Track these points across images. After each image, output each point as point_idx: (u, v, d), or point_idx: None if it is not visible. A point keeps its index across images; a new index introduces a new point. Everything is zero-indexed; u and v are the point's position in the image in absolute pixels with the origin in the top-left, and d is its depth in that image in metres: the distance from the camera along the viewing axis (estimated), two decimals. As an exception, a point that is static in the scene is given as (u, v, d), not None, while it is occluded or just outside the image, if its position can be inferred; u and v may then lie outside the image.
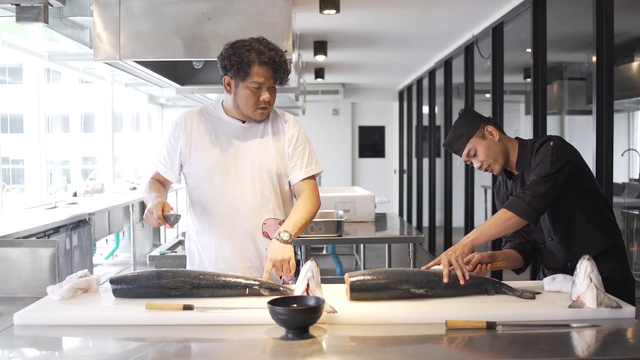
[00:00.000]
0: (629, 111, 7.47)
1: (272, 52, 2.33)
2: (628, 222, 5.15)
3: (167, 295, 2.08)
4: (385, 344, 1.76)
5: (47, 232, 4.73)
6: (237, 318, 1.91)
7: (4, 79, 6.51)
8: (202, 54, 3.15)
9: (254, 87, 2.34)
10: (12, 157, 6.54)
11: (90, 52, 3.54)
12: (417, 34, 6.63)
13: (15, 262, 2.47)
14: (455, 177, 7.69)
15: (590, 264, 1.97)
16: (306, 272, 2.00)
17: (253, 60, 2.30)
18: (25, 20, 3.05)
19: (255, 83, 2.33)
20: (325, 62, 8.00)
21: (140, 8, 3.08)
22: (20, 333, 1.88)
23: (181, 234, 4.34)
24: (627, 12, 4.91)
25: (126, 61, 3.18)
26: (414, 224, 9.84)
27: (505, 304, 2.03)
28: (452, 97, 7.76)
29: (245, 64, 2.30)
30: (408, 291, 2.06)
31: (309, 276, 1.99)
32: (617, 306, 1.92)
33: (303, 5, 4.89)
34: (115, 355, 1.75)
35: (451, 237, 7.64)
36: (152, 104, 10.86)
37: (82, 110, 8.12)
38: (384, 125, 11.97)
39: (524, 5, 4.83)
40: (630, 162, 6.93)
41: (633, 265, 5.14)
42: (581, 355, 1.73)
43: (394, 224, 5.07)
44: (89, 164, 8.73)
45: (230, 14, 3.09)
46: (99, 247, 7.62)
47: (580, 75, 6.96)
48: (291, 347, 1.70)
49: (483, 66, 6.40)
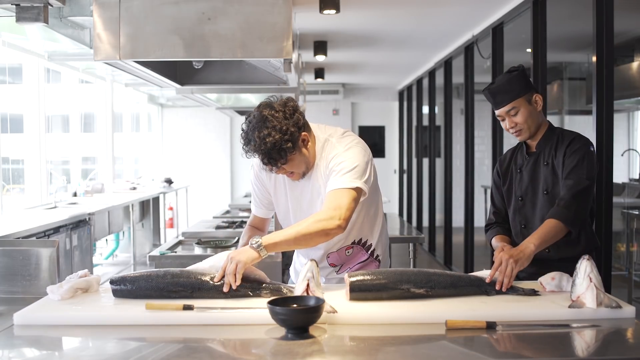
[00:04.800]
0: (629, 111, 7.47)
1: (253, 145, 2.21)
2: (628, 222, 5.15)
3: (168, 297, 2.08)
4: (385, 344, 1.76)
5: (47, 232, 4.73)
6: (237, 318, 1.91)
7: (4, 79, 6.51)
8: (202, 54, 3.15)
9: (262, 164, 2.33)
10: (12, 157, 6.54)
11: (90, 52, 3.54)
12: (417, 34, 6.63)
13: (15, 262, 2.47)
14: (455, 177, 7.68)
15: (590, 264, 1.97)
16: (306, 272, 2.00)
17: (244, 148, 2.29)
18: (25, 20, 3.05)
19: None
20: (325, 62, 8.00)
21: (140, 8, 3.08)
22: (20, 333, 1.88)
23: (181, 234, 4.34)
24: (627, 12, 4.91)
25: (126, 61, 3.17)
26: (414, 224, 9.84)
27: (505, 304, 2.03)
28: (452, 97, 7.77)
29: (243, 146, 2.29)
30: (408, 291, 2.06)
31: (309, 276, 1.99)
32: (617, 306, 1.92)
33: (303, 5, 4.88)
34: (115, 355, 1.75)
35: (451, 237, 7.64)
36: (152, 104, 10.86)
37: (82, 110, 8.12)
38: (384, 125, 11.97)
39: (524, 5, 4.83)
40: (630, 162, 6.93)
41: (633, 265, 5.15)
42: (581, 355, 1.73)
43: (394, 224, 5.07)
44: (89, 164, 8.73)
45: (230, 14, 3.09)
46: (99, 247, 7.62)
47: (580, 75, 6.96)
48: (291, 347, 1.70)
49: (483, 66, 6.40)
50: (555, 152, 2.49)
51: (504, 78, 2.52)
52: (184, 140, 11.49)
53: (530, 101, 2.49)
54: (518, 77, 2.50)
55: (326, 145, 2.36)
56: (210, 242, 3.66)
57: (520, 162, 2.59)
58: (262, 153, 2.21)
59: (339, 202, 2.18)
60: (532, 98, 2.49)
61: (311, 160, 2.34)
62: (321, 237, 2.18)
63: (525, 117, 2.48)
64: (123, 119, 9.64)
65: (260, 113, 2.23)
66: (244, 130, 2.27)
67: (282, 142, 2.19)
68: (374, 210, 2.50)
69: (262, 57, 3.17)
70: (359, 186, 2.23)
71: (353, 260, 2.48)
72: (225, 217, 5.26)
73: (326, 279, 2.51)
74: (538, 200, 2.52)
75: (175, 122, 11.49)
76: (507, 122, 2.52)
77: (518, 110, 2.48)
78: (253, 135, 2.21)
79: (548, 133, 2.53)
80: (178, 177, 10.73)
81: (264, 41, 3.09)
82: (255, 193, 2.56)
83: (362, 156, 2.31)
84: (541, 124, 2.54)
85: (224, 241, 3.69)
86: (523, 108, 2.48)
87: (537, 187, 2.53)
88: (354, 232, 2.43)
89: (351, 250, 2.46)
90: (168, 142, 11.51)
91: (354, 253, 2.47)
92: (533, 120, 2.50)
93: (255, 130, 2.21)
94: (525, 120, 2.48)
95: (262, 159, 2.23)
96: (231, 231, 4.32)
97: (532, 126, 2.50)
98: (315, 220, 2.16)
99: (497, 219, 2.68)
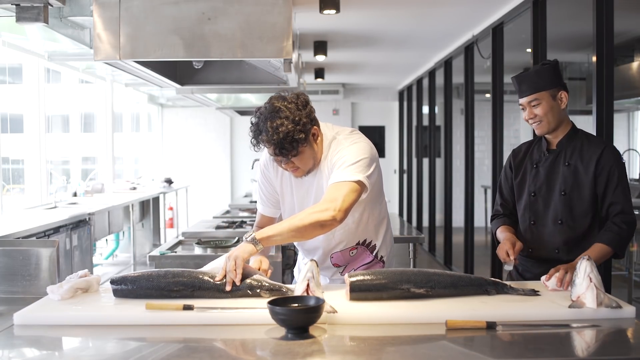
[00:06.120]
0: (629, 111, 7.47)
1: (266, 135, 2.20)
2: (628, 222, 5.14)
3: (168, 297, 2.08)
4: (385, 344, 1.76)
5: (47, 232, 4.73)
6: (237, 318, 1.91)
7: (4, 79, 6.51)
8: (202, 54, 3.15)
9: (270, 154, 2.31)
10: (12, 157, 6.54)
11: (90, 52, 3.54)
12: (417, 34, 6.63)
13: (15, 262, 2.47)
14: (455, 177, 7.69)
15: (590, 264, 1.97)
16: (306, 272, 2.00)
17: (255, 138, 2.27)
18: (25, 20, 3.05)
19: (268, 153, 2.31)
20: (325, 62, 8.00)
21: (140, 8, 3.08)
22: (20, 333, 1.88)
23: (181, 234, 4.34)
24: (627, 12, 4.91)
25: (126, 61, 3.18)
26: (414, 224, 9.84)
27: (505, 304, 2.03)
28: (452, 97, 7.77)
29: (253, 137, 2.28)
30: (408, 291, 2.06)
31: (309, 276, 1.99)
32: (617, 306, 1.92)
33: (303, 5, 4.88)
34: (115, 355, 1.75)
35: (451, 237, 7.64)
36: (152, 104, 10.86)
37: (82, 110, 8.12)
38: (384, 125, 11.97)
39: (524, 5, 4.83)
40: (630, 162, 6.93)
41: (633, 265, 5.15)
42: (581, 355, 1.73)
43: (394, 224, 5.06)
44: (89, 164, 8.74)
45: (230, 14, 3.09)
46: (99, 247, 7.62)
47: (580, 75, 6.96)
48: (291, 347, 1.70)
49: (483, 66, 6.40)
50: (580, 155, 2.47)
51: (534, 68, 2.53)
52: (184, 140, 11.49)
53: (554, 97, 2.47)
54: (547, 70, 2.48)
55: (333, 143, 2.35)
56: (210, 242, 3.65)
57: (537, 157, 2.57)
58: (274, 143, 2.19)
59: (336, 194, 2.16)
60: (558, 94, 2.47)
61: (318, 156, 2.33)
62: (316, 229, 2.15)
63: (545, 110, 2.46)
64: (123, 119, 9.64)
65: (272, 104, 2.22)
66: (254, 123, 2.25)
67: (294, 133, 2.19)
68: (379, 211, 2.49)
69: (262, 57, 3.17)
70: (360, 179, 2.20)
71: (358, 262, 2.48)
72: (225, 217, 5.26)
73: (331, 280, 2.50)
74: (553, 199, 2.50)
75: (175, 122, 11.49)
76: (527, 112, 2.51)
77: (540, 103, 2.46)
78: (265, 126, 2.19)
79: (571, 133, 2.51)
80: (178, 177, 10.73)
81: (264, 41, 3.09)
82: (262, 192, 2.53)
83: (367, 151, 2.29)
84: (563, 122, 2.51)
85: (224, 241, 3.69)
86: (545, 102, 2.46)
87: (553, 185, 2.51)
88: (358, 233, 2.43)
89: (355, 251, 2.46)
90: (168, 142, 11.51)
91: (358, 254, 2.47)
92: (554, 115, 2.47)
93: (267, 121, 2.19)
94: (545, 113, 2.46)
95: (274, 149, 2.21)
96: (231, 231, 4.32)
97: (552, 122, 2.48)
98: (309, 213, 2.15)
99: (504, 211, 2.67)
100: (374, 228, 2.47)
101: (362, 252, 2.46)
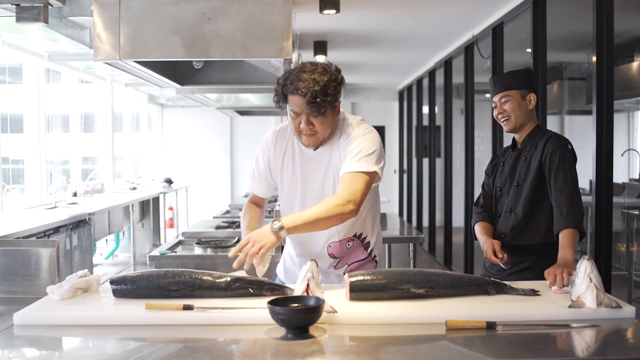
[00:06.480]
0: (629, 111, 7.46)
1: (303, 83, 2.21)
2: (628, 222, 5.15)
3: (168, 297, 2.08)
4: (385, 344, 1.76)
5: (47, 232, 4.73)
6: (237, 318, 1.91)
7: (4, 79, 6.51)
8: (202, 54, 3.15)
9: (292, 113, 2.30)
10: (12, 157, 6.54)
11: (90, 52, 3.54)
12: (417, 34, 6.64)
13: (15, 262, 2.47)
14: (455, 177, 7.69)
15: (590, 264, 1.97)
16: (306, 272, 2.00)
17: (287, 87, 2.27)
18: (25, 20, 3.05)
19: (291, 111, 2.30)
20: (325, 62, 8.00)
21: (140, 8, 3.08)
22: (20, 333, 1.88)
23: (181, 234, 4.34)
24: (627, 12, 4.91)
25: (126, 61, 3.18)
26: (414, 224, 9.84)
27: (505, 304, 2.03)
28: (452, 97, 7.77)
29: (281, 90, 2.29)
30: (408, 291, 2.06)
31: (309, 276, 1.99)
32: (617, 306, 1.92)
33: (303, 5, 4.89)
34: (115, 355, 1.75)
35: (451, 237, 7.64)
36: (152, 104, 10.87)
37: (82, 110, 8.13)
38: (384, 125, 11.97)
39: (524, 5, 4.83)
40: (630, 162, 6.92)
41: (633, 265, 5.15)
42: (581, 355, 1.73)
43: (394, 224, 5.07)
44: (89, 164, 8.74)
45: (230, 14, 3.09)
46: (99, 247, 7.62)
47: (580, 75, 6.95)
48: (291, 347, 1.70)
49: (483, 66, 6.40)
50: (535, 148, 2.66)
51: (510, 71, 2.79)
52: (184, 140, 11.49)
53: (524, 97, 2.69)
54: (520, 74, 2.74)
55: (345, 123, 2.41)
56: (210, 242, 3.65)
57: (507, 157, 2.79)
58: (311, 93, 2.20)
59: (354, 187, 2.22)
60: (527, 96, 2.69)
61: (333, 129, 2.37)
62: (337, 221, 2.24)
63: (513, 107, 2.68)
64: (123, 119, 9.64)
65: (308, 62, 2.29)
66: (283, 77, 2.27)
67: (330, 87, 2.24)
68: (376, 207, 2.54)
69: (262, 57, 3.18)
70: (375, 170, 2.27)
71: (352, 257, 2.49)
72: (225, 217, 5.26)
73: (323, 273, 2.49)
74: (510, 191, 2.72)
75: (175, 122, 11.50)
76: (498, 109, 2.72)
77: (509, 99, 2.68)
78: (301, 76, 2.22)
79: (534, 132, 2.71)
80: (178, 177, 10.73)
81: (264, 41, 3.10)
82: (258, 169, 2.53)
83: (379, 143, 2.37)
84: (529, 122, 2.71)
85: (224, 241, 3.69)
86: (514, 99, 2.68)
87: (512, 179, 2.72)
88: (357, 225, 2.45)
89: (351, 244, 2.47)
90: (168, 142, 11.51)
91: (353, 247, 2.48)
92: (521, 113, 2.68)
93: (305, 72, 2.23)
94: (512, 109, 2.68)
95: (308, 100, 2.21)
96: (231, 231, 4.32)
97: (519, 118, 2.69)
98: (333, 205, 2.19)
99: (485, 203, 2.89)
100: (370, 222, 2.50)
101: (357, 246, 2.48)
